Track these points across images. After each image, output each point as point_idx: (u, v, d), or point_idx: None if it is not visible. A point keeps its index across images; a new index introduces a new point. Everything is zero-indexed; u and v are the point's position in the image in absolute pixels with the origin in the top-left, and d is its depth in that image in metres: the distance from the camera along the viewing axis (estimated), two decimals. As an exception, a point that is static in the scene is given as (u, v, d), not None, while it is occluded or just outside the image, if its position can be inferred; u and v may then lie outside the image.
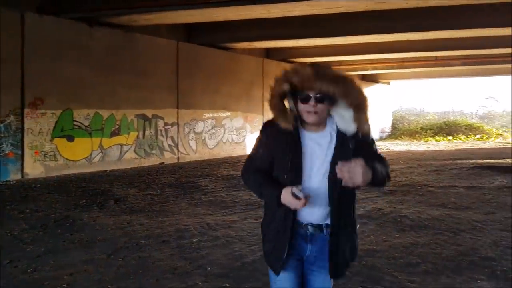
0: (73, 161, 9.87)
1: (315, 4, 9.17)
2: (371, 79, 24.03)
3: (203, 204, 6.80)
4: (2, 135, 8.57)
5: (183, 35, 12.68)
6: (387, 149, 18.47)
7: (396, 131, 27.37)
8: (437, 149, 18.99)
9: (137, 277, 3.73)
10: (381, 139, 24.83)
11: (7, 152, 8.64)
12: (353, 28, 11.51)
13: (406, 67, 20.03)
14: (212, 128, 13.91)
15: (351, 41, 13.44)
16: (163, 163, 11.99)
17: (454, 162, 12.41)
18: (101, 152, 10.49)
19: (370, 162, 1.81)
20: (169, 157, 12.32)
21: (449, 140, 23.67)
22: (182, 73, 12.53)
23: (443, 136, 24.63)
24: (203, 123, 13.53)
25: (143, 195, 7.49)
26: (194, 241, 4.78)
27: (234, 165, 11.75)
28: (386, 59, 17.97)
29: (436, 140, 23.73)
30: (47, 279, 3.65)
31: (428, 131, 25.67)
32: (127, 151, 11.15)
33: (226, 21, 11.28)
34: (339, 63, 18.30)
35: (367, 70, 20.14)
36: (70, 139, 9.83)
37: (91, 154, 10.23)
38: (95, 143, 10.35)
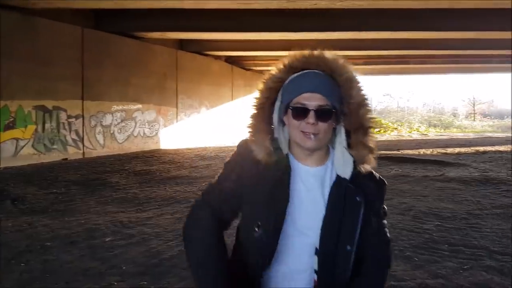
0: (-42, 157, 8.72)
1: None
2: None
3: (115, 201, 6.43)
4: None
5: (90, 22, 11.82)
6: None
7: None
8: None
9: (43, 281, 3.40)
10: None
11: None
12: (266, 24, 11.73)
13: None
14: (122, 121, 13.23)
15: (264, 37, 13.69)
16: (66, 158, 11.12)
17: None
18: (-7, 147, 9.41)
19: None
20: (73, 152, 11.46)
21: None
22: (88, 62, 11.70)
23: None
24: (111, 115, 12.81)
25: (45, 194, 6.86)
26: (107, 240, 4.50)
27: (146, 160, 11.32)
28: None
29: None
30: None
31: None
32: (24, 146, 10.13)
33: (138, 9, 10.80)
34: (252, 58, 18.60)
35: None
36: (-45, 132, 8.68)
37: (-19, 149, 9.13)
38: (-14, 137, 9.26)
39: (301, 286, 1.27)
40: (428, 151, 13.70)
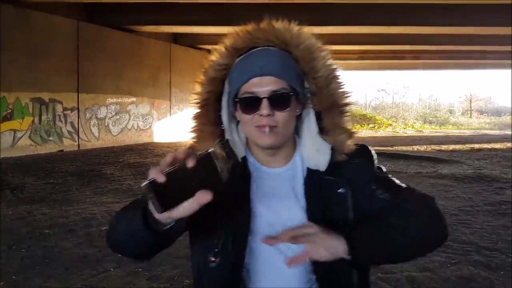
0: (-44, 148, 8.90)
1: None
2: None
3: (109, 192, 6.66)
4: None
5: (84, 15, 11.96)
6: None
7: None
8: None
9: (43, 267, 3.63)
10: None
11: None
12: (259, 18, 11.78)
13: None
14: (116, 114, 13.42)
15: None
16: (62, 150, 11.31)
17: (349, 149, 13.50)
18: (-9, 138, 9.60)
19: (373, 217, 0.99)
20: (68, 144, 11.66)
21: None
22: (83, 55, 11.85)
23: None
24: (106, 108, 12.99)
25: (43, 184, 7.09)
26: (103, 229, 4.72)
27: (140, 153, 11.53)
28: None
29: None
30: None
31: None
32: (21, 137, 10.32)
33: (132, 2, 10.93)
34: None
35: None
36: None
37: (-22, 140, 9.32)
38: (-16, 128, 9.44)
39: None
40: (422, 148, 13.66)
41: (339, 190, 0.99)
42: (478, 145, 14.64)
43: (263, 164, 1.04)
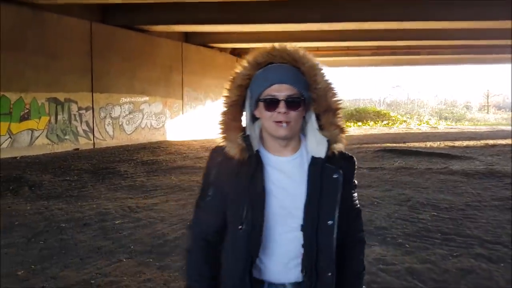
0: (-24, 147, 9.21)
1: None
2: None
3: (123, 188, 6.85)
4: None
5: (97, 16, 12.21)
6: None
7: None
8: (348, 134, 20.28)
9: (60, 257, 3.81)
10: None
11: None
12: (271, 16, 11.84)
13: (320, 56, 21.13)
14: (130, 113, 13.66)
15: (268, 29, 13.85)
16: (77, 149, 11.58)
17: (362, 146, 13.36)
18: (10, 137, 9.89)
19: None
20: (84, 143, 11.93)
21: (359, 126, 25.26)
22: (97, 55, 12.10)
23: (354, 122, 26.24)
24: (120, 107, 13.23)
25: (59, 181, 7.31)
26: (116, 223, 4.90)
27: (153, 151, 11.74)
28: (300, 48, 18.76)
29: (347, 126, 25.23)
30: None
31: (340, 117, 27.26)
32: (38, 136, 10.62)
33: (144, 2, 11.09)
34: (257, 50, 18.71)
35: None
36: (-26, 123, 9.15)
37: (-2, 139, 9.62)
38: (3, 127, 9.72)
39: (292, 275, 1.35)
40: (435, 144, 13.54)
41: (334, 176, 1.34)
42: (493, 141, 14.38)
43: (274, 154, 1.37)
